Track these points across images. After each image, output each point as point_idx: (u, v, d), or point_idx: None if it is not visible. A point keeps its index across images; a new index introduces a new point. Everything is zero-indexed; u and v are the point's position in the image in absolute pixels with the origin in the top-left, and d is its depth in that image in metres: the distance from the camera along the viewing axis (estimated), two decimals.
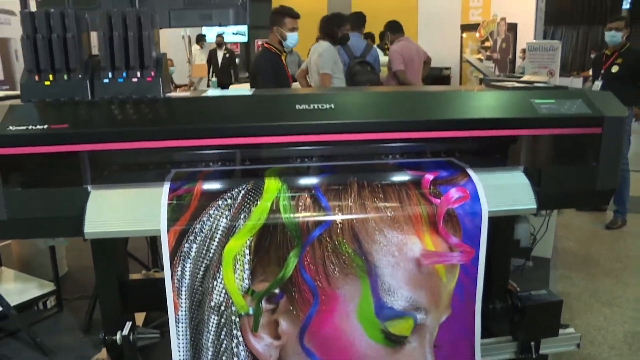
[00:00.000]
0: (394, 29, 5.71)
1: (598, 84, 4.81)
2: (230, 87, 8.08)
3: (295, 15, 3.99)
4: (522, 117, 1.97)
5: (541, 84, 2.43)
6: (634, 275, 3.73)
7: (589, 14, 13.44)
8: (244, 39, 13.70)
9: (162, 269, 1.76)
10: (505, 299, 2.27)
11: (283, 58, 4.13)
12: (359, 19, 5.29)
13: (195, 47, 11.19)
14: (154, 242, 3.16)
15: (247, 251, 1.74)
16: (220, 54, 10.93)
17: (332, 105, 1.84)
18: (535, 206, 1.96)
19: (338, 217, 1.76)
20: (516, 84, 2.33)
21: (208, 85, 10.11)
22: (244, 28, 12.76)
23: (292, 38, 4.00)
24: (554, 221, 3.69)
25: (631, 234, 4.56)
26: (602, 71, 4.81)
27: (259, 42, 13.55)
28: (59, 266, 3.25)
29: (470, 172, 1.92)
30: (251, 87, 4.11)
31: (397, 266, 1.81)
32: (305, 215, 1.75)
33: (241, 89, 5.96)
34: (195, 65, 10.33)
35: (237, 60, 11.94)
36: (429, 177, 1.87)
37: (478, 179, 1.90)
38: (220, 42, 11.00)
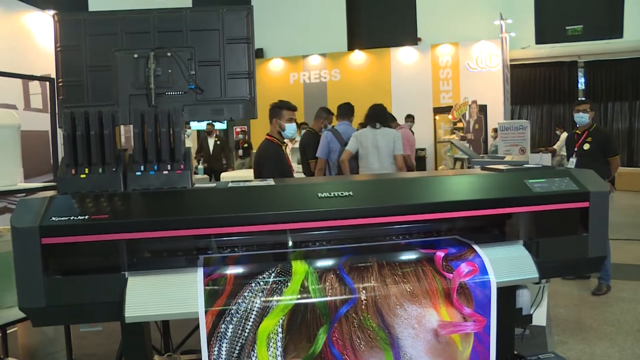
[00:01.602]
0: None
1: (573, 160, 5.16)
2: (223, 175, 8.28)
3: (292, 108, 4.28)
4: (519, 196, 2.19)
5: (524, 164, 2.67)
6: (628, 338, 3.90)
7: (550, 94, 14.26)
8: (223, 126, 14.08)
9: (177, 350, 1.85)
10: None
11: (284, 148, 4.37)
12: (347, 109, 5.66)
13: None
14: (165, 327, 3.23)
15: (279, 329, 1.87)
16: (211, 142, 11.24)
17: (351, 192, 2.03)
18: (537, 275, 2.14)
19: (362, 295, 1.91)
20: (509, 166, 2.56)
21: (196, 173, 10.32)
22: None
23: (290, 128, 4.25)
24: (546, 289, 3.87)
25: (617, 299, 4.77)
26: (576, 149, 5.17)
27: (238, 129, 13.98)
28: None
29: (476, 247, 2.11)
30: (255, 176, 4.32)
31: (417, 337, 1.96)
32: (333, 294, 1.90)
33: (247, 177, 6.19)
34: None
35: (231, 147, 12.27)
36: (440, 254, 2.05)
37: (484, 254, 2.08)
38: (210, 130, 11.35)
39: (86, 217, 1.86)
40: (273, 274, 1.93)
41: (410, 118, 10.91)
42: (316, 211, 1.96)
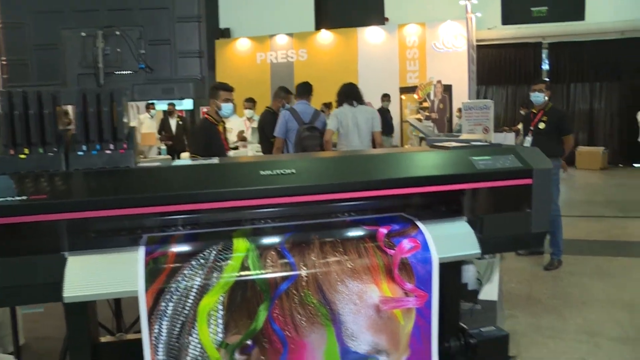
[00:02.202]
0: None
1: (528, 139, 5.26)
2: (182, 155, 8.26)
3: (228, 89, 4.53)
4: (463, 173, 2.22)
5: (478, 142, 2.71)
6: (572, 309, 4.05)
7: (515, 75, 14.43)
8: (190, 106, 13.94)
9: (130, 330, 1.85)
10: (459, 338, 2.46)
11: (220, 127, 4.57)
12: (306, 88, 5.65)
13: (144, 115, 11.32)
14: (118, 307, 3.22)
15: (220, 307, 1.88)
16: (173, 122, 11.10)
17: (294, 170, 2.04)
18: (479, 251, 2.18)
19: (303, 272, 1.93)
20: (456, 144, 2.59)
21: (159, 153, 10.22)
22: None
23: (225, 108, 4.50)
24: (498, 266, 3.95)
25: (567, 273, 4.92)
26: (531, 128, 5.26)
27: (204, 109, 13.85)
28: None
29: (419, 224, 2.13)
30: (189, 152, 4.50)
31: (358, 313, 1.98)
32: (273, 271, 1.91)
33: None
34: (143, 133, 10.42)
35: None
36: (383, 230, 2.08)
37: (427, 230, 2.11)
38: (171, 110, 11.21)
39: (24, 197, 1.83)
40: (214, 252, 1.93)
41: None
42: (257, 189, 1.96)
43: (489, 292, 3.86)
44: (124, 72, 2.42)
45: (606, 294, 4.39)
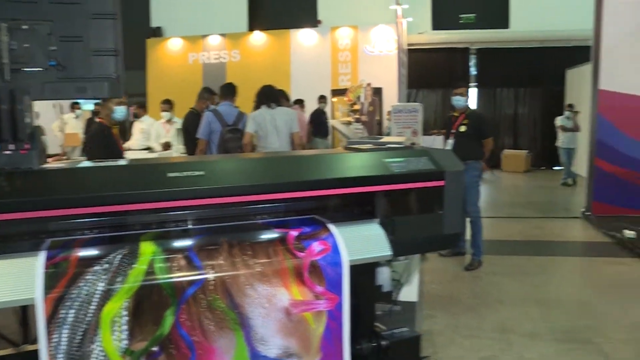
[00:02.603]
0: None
1: (450, 142, 5.38)
2: None
3: None
4: (375, 175, 2.24)
5: (394, 144, 2.74)
6: (489, 308, 4.17)
7: (444, 79, 14.79)
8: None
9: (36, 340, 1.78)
10: (371, 339, 2.48)
11: (115, 130, 4.64)
12: (230, 89, 5.61)
13: (69, 115, 10.93)
14: (24, 315, 3.07)
15: (124, 313, 1.82)
16: None
17: (203, 172, 2.00)
18: (390, 253, 2.21)
19: (210, 275, 1.90)
20: (372, 146, 2.62)
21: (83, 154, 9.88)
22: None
23: (118, 111, 4.70)
24: (417, 266, 4.02)
25: (487, 273, 5.07)
26: (453, 131, 5.39)
27: (132, 108, 13.51)
28: None
29: (330, 226, 2.14)
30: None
31: (268, 317, 1.96)
32: (180, 275, 1.87)
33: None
34: (68, 134, 10.06)
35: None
36: (294, 233, 2.07)
37: (338, 232, 2.12)
38: (98, 110, 10.84)
39: None
40: (119, 256, 1.87)
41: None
42: (163, 191, 1.92)
43: (409, 293, 3.92)
44: (34, 69, 2.30)
45: (522, 292, 4.56)
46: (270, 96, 5.43)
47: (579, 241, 6.73)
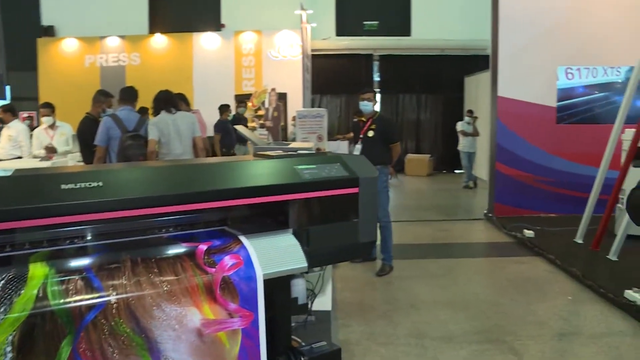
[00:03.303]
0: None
1: (358, 147, 5.37)
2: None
3: None
4: (287, 183, 2.13)
5: (304, 150, 2.65)
6: (402, 313, 4.18)
7: (348, 84, 14.98)
8: None
9: None
10: (289, 356, 2.37)
11: None
12: (130, 93, 5.32)
13: None
14: None
15: (9, 348, 1.60)
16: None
17: (101, 183, 1.81)
18: (305, 265, 2.11)
19: (112, 297, 1.71)
20: (281, 152, 2.51)
21: None
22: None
23: None
24: (330, 275, 3.96)
25: (398, 278, 5.09)
26: (361, 136, 5.38)
27: (25, 114, 12.67)
28: None
29: (242, 238, 2.01)
30: None
31: (178, 339, 1.81)
32: (77, 299, 1.67)
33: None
34: None
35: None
36: (203, 247, 1.93)
37: (250, 245, 2.00)
38: None
39: None
40: (2, 282, 1.65)
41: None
42: (55, 205, 1.71)
43: (323, 302, 3.86)
44: None
45: (432, 296, 4.60)
46: (169, 101, 5.23)
47: (482, 242, 6.93)
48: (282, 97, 12.09)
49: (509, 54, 7.80)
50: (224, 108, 9.66)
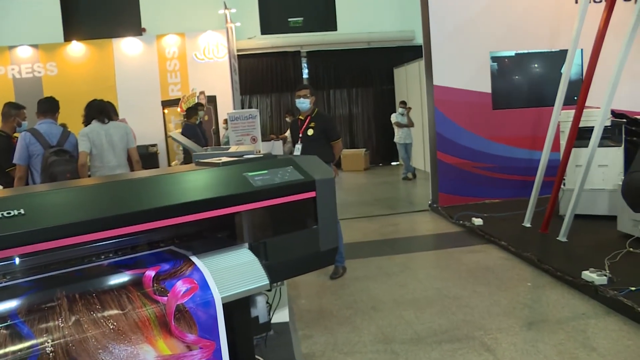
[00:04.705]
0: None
1: (298, 147, 5.16)
2: None
3: None
4: (237, 193, 1.90)
5: (249, 154, 2.42)
6: (364, 317, 3.99)
7: (278, 83, 14.78)
8: None
9: None
10: None
11: None
12: (50, 105, 4.92)
13: None
14: None
15: None
16: None
17: (22, 210, 1.53)
18: (267, 282, 1.89)
19: (48, 345, 1.44)
20: (227, 159, 2.27)
21: None
22: None
23: None
24: (286, 284, 3.75)
25: (353, 279, 4.92)
26: (300, 135, 5.18)
27: None
28: None
29: (194, 259, 1.78)
30: None
31: None
32: (2, 353, 1.39)
33: None
34: None
35: None
36: (151, 273, 1.68)
37: (203, 266, 1.76)
38: None
39: None
40: None
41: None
42: None
43: (280, 313, 3.64)
44: None
45: (392, 295, 4.45)
46: (104, 110, 4.91)
47: (433, 234, 6.87)
48: (211, 100, 11.74)
49: (441, 42, 7.81)
50: (192, 111, 9.06)
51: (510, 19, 7.82)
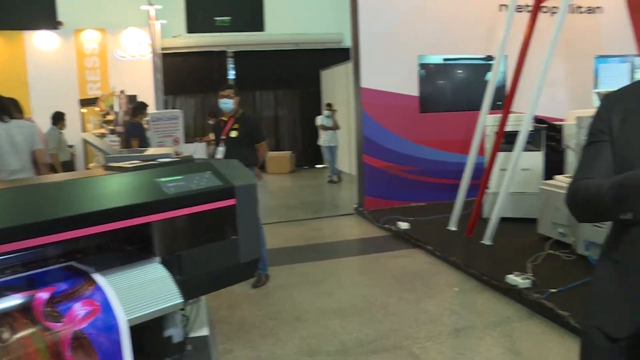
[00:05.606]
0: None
1: (221, 149, 4.98)
2: None
3: None
4: (147, 201, 1.72)
5: (165, 158, 2.22)
6: (288, 328, 3.85)
7: (203, 83, 14.42)
8: None
9: None
10: None
11: None
12: None
13: None
14: None
15: None
16: None
17: None
18: (180, 300, 1.71)
19: None
20: (138, 162, 2.06)
21: None
22: None
23: None
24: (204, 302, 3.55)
25: (276, 287, 4.76)
26: (223, 137, 4.98)
27: None
28: None
29: (96, 277, 1.57)
30: None
31: None
32: None
33: None
34: None
35: None
36: (43, 295, 1.45)
37: (107, 284, 1.56)
38: None
39: None
40: None
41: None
42: None
43: (198, 326, 3.43)
44: None
45: (317, 304, 4.33)
46: (4, 107, 4.51)
47: (358, 238, 6.82)
48: (132, 99, 11.27)
49: (370, 44, 7.80)
50: (138, 110, 8.52)
51: (439, 24, 7.93)
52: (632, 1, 4.56)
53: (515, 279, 4.27)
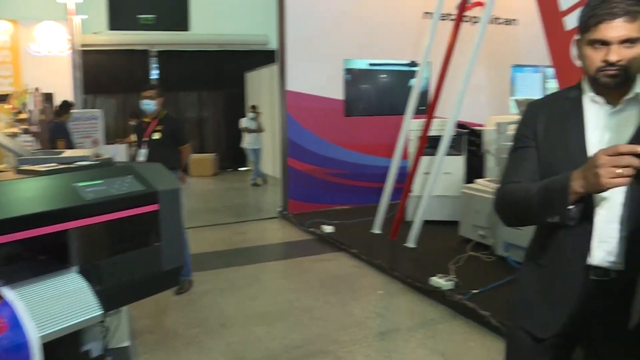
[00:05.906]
0: None
1: (143, 151, 4.81)
2: None
3: None
4: (63, 207, 1.61)
5: (84, 160, 2.10)
6: (214, 336, 3.75)
7: (125, 83, 13.93)
8: None
9: None
10: None
11: None
12: None
13: None
14: None
15: None
16: None
17: None
18: (99, 312, 1.63)
19: None
20: (54, 166, 1.93)
21: None
22: None
23: None
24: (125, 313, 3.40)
25: (200, 293, 4.63)
26: (146, 139, 4.82)
27: None
28: None
29: (5, 290, 1.45)
30: None
31: None
32: None
33: None
34: None
35: None
36: None
37: (17, 298, 1.45)
38: None
39: None
40: None
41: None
42: None
43: (118, 337, 3.27)
44: None
45: (242, 310, 4.23)
46: None
47: (282, 242, 6.75)
48: (48, 97, 10.72)
49: (295, 47, 7.76)
50: (64, 109, 8.01)
51: (365, 29, 8.00)
52: (545, 14, 4.77)
53: (439, 281, 4.35)
